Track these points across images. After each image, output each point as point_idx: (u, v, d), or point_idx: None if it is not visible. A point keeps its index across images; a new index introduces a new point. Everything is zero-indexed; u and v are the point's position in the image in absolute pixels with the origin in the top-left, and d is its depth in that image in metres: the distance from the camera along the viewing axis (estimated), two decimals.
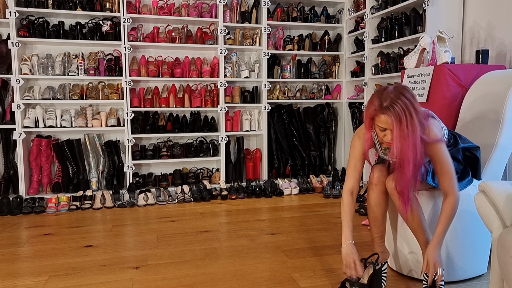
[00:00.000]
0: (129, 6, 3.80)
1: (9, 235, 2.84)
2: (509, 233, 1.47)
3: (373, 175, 2.01)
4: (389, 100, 1.69)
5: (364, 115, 1.83)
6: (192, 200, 3.77)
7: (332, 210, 3.47)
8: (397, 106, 1.68)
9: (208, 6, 4.07)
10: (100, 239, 2.74)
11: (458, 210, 1.98)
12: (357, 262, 1.84)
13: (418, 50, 2.80)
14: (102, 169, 3.88)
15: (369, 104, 1.78)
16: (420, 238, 1.94)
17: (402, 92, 1.71)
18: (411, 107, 1.69)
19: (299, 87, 4.50)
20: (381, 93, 1.74)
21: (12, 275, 2.19)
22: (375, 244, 2.06)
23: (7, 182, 3.65)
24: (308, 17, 4.35)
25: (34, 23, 3.69)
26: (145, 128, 3.91)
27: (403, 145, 1.70)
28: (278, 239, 2.71)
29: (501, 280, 1.57)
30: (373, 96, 1.78)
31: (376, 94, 1.77)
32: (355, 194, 1.95)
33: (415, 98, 1.74)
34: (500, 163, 2.17)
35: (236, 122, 4.15)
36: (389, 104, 1.69)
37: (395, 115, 1.68)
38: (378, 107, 1.72)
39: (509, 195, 1.56)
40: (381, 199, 2.00)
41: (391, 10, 3.60)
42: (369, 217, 2.06)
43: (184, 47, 4.08)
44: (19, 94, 3.57)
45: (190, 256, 2.43)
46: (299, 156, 4.41)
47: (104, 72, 3.81)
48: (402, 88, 1.74)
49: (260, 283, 2.06)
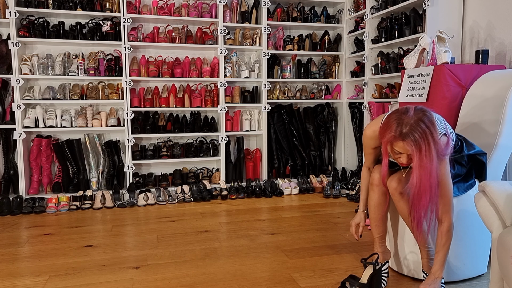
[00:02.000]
0: (129, 6, 3.80)
1: (9, 235, 2.84)
2: (509, 233, 1.47)
3: (374, 176, 2.01)
4: (409, 127, 1.65)
5: (380, 137, 1.77)
6: (192, 200, 3.77)
7: (332, 210, 3.47)
8: (417, 134, 1.64)
9: (208, 6, 4.07)
10: (100, 239, 2.74)
11: (459, 210, 1.99)
12: (360, 228, 2.08)
13: (418, 50, 2.80)
14: (102, 169, 3.88)
15: (386, 127, 1.72)
16: (420, 240, 1.94)
17: (422, 119, 1.67)
18: (430, 136, 1.66)
19: (299, 87, 4.50)
20: (401, 118, 1.69)
21: (12, 275, 2.19)
22: (376, 244, 2.07)
23: (7, 182, 3.65)
24: (308, 17, 4.35)
25: (34, 23, 3.69)
26: (145, 128, 3.91)
27: (421, 175, 1.67)
28: (278, 239, 2.71)
29: (501, 280, 1.57)
30: (391, 118, 1.73)
31: (394, 117, 1.71)
32: (371, 169, 2.05)
33: (434, 125, 1.69)
34: (500, 163, 2.17)
35: (236, 122, 4.15)
36: (409, 131, 1.65)
37: (415, 143, 1.65)
38: (397, 133, 1.67)
39: (509, 195, 1.56)
40: (382, 199, 2.00)
41: (391, 10, 3.60)
42: (370, 218, 2.06)
43: (184, 47, 4.08)
44: (19, 94, 3.58)
45: (190, 256, 2.43)
46: (299, 156, 4.41)
47: (104, 72, 3.81)
48: (422, 113, 1.69)
49: (260, 283, 2.06)
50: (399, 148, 1.70)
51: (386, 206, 2.03)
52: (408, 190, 1.81)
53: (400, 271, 2.16)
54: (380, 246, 2.06)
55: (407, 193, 1.89)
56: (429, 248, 1.94)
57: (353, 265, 2.28)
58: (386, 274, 2.05)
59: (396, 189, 1.92)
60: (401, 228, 2.11)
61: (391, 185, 1.94)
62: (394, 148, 1.72)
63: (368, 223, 2.87)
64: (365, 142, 2.00)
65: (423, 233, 1.90)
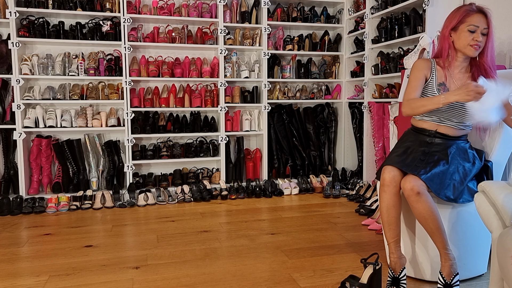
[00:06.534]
0: (129, 6, 3.80)
1: (9, 235, 2.84)
2: (509, 233, 1.47)
3: (385, 176, 1.94)
4: (480, 5, 1.97)
5: (448, 20, 2.03)
6: (192, 200, 3.77)
7: (332, 210, 3.47)
8: (489, 12, 1.96)
9: (208, 6, 4.07)
10: (100, 239, 2.74)
11: (459, 210, 1.99)
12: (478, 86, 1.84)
13: (418, 50, 2.80)
14: (102, 169, 3.88)
15: (456, 11, 2.01)
16: (438, 240, 1.87)
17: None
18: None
19: (299, 87, 4.50)
20: (466, 4, 2.00)
21: (12, 275, 2.19)
22: (391, 249, 1.95)
23: (7, 182, 3.65)
24: (308, 17, 4.35)
25: (34, 23, 3.69)
26: (145, 128, 3.91)
27: (492, 48, 1.99)
28: (278, 239, 2.71)
29: (501, 280, 1.57)
30: (455, 10, 2.02)
31: (459, 7, 2.02)
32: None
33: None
34: (500, 163, 2.17)
35: (236, 122, 4.15)
36: (482, 7, 1.96)
37: (490, 16, 1.95)
38: (474, 7, 1.95)
39: (508, 195, 1.56)
40: (394, 201, 1.93)
41: (391, 10, 3.60)
42: (382, 221, 1.97)
43: (184, 47, 4.08)
44: (19, 94, 3.58)
45: (190, 256, 2.43)
46: (299, 156, 4.41)
47: (104, 72, 3.81)
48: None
49: (260, 283, 2.06)
50: (475, 21, 1.93)
51: (400, 207, 1.96)
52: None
53: (416, 276, 2.09)
54: (396, 251, 1.94)
55: (425, 194, 1.85)
56: (449, 252, 1.87)
57: (353, 265, 2.28)
58: (405, 283, 1.93)
59: (413, 190, 1.84)
60: (418, 231, 2.03)
61: (406, 185, 1.87)
62: (472, 24, 1.93)
63: (377, 227, 2.88)
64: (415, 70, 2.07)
65: (443, 234, 1.86)
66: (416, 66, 2.09)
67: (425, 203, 1.85)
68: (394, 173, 1.94)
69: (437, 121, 2.05)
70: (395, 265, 1.93)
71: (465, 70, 2.07)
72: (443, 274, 1.87)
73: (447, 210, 1.99)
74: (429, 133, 2.06)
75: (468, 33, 1.95)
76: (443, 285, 1.86)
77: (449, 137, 2.04)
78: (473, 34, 1.95)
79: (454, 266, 1.86)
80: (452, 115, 2.02)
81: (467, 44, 1.97)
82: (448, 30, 2.02)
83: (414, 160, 1.96)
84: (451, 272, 1.86)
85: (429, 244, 2.01)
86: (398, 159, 1.99)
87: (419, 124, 2.11)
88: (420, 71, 2.06)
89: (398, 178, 1.94)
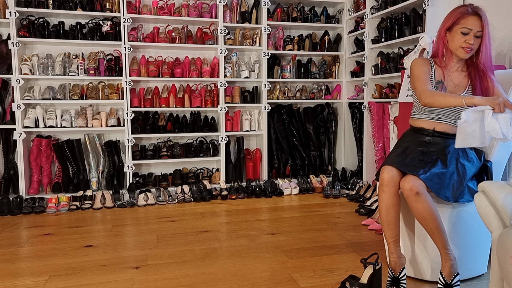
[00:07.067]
0: (129, 6, 3.80)
1: (9, 235, 2.84)
2: (509, 233, 1.47)
3: (383, 176, 1.94)
4: (476, 7, 1.96)
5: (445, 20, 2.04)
6: (192, 200, 3.77)
7: (332, 210, 3.47)
8: (484, 14, 1.96)
9: (208, 6, 4.07)
10: (100, 239, 2.74)
11: (458, 210, 1.99)
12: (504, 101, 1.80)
13: (418, 50, 2.80)
14: (102, 169, 3.88)
15: (452, 11, 2.01)
16: (438, 240, 1.87)
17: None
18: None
19: (299, 87, 4.50)
20: (463, 5, 2.00)
21: (12, 275, 2.19)
22: (390, 249, 1.95)
23: (7, 182, 3.65)
24: (308, 17, 4.35)
25: (34, 23, 3.69)
26: (145, 128, 3.91)
27: (487, 49, 1.97)
28: (278, 239, 2.71)
29: (501, 280, 1.57)
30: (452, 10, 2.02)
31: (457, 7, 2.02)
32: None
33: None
34: (499, 163, 2.17)
35: (236, 122, 4.15)
36: (478, 9, 1.96)
37: (485, 19, 1.94)
38: (469, 8, 1.95)
39: (508, 195, 1.56)
40: (393, 200, 1.93)
41: (391, 10, 3.60)
42: (382, 221, 1.97)
43: (184, 47, 4.08)
44: (19, 94, 3.58)
45: (190, 256, 2.43)
46: (299, 156, 4.41)
47: (104, 72, 3.81)
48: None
49: (260, 283, 2.06)
50: (469, 24, 1.94)
51: (399, 207, 1.95)
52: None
53: (416, 276, 2.09)
54: (395, 250, 1.93)
55: (424, 194, 1.85)
56: (449, 252, 1.87)
57: (353, 265, 2.28)
58: (405, 282, 1.93)
59: (412, 190, 1.84)
60: (418, 231, 2.03)
61: (405, 185, 1.87)
62: (465, 27, 1.94)
63: (377, 227, 2.88)
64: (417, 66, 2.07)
65: (442, 234, 1.86)
66: (418, 61, 2.10)
67: (425, 203, 1.84)
68: (393, 173, 1.94)
69: (434, 118, 2.06)
70: (394, 265, 1.93)
71: (461, 69, 2.09)
72: (444, 274, 1.87)
73: (447, 210, 2.00)
74: (427, 133, 2.06)
75: (460, 35, 1.97)
76: (444, 285, 1.86)
77: (447, 135, 2.04)
78: (466, 36, 1.96)
79: (455, 266, 1.86)
80: (450, 112, 2.03)
81: (459, 46, 1.99)
82: (444, 30, 2.04)
83: (412, 160, 1.96)
84: (451, 272, 1.86)
85: (428, 244, 2.01)
86: (397, 159, 1.99)
87: (417, 124, 2.12)
88: (424, 66, 2.08)
89: (397, 178, 1.94)
